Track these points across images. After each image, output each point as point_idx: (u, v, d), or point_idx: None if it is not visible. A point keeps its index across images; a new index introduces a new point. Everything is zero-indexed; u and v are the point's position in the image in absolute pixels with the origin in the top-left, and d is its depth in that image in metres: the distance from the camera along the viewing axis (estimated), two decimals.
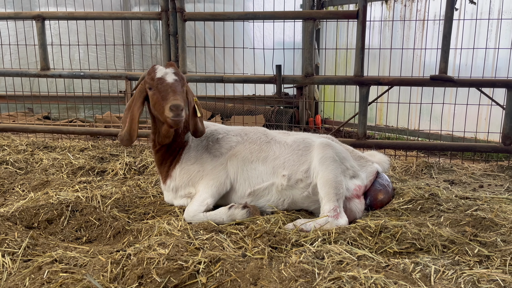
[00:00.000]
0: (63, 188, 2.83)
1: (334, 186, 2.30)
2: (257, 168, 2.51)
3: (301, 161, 2.50)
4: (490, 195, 2.98)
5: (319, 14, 3.71)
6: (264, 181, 2.48)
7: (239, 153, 2.55)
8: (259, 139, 2.64)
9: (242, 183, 2.49)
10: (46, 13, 4.14)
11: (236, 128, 2.75)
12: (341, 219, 2.26)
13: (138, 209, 2.53)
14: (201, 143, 2.61)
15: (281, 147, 2.58)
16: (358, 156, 2.67)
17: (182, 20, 3.88)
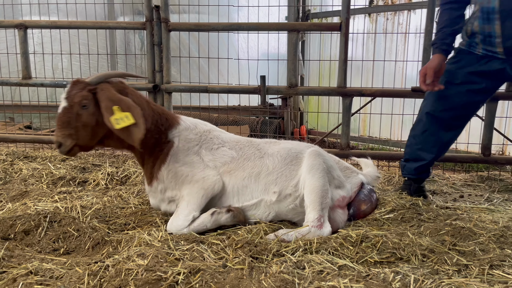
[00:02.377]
0: (42, 199, 2.78)
1: (320, 195, 2.30)
2: (249, 186, 2.46)
3: (292, 176, 2.47)
4: (470, 205, 3.02)
5: (302, 26, 3.76)
6: (253, 198, 2.45)
7: (233, 171, 2.49)
8: (253, 154, 2.58)
9: (231, 198, 2.45)
10: (29, 22, 4.11)
11: (231, 139, 2.67)
12: (324, 228, 2.25)
13: (119, 219, 2.50)
14: (192, 147, 2.51)
15: (274, 161, 2.53)
16: (344, 167, 2.68)
17: (167, 31, 3.89)
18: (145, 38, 4.04)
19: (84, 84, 2.21)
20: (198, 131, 2.59)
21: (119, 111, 2.15)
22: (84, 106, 2.18)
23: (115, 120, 2.14)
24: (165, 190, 2.43)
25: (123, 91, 2.28)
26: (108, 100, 2.16)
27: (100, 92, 2.18)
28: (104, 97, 2.16)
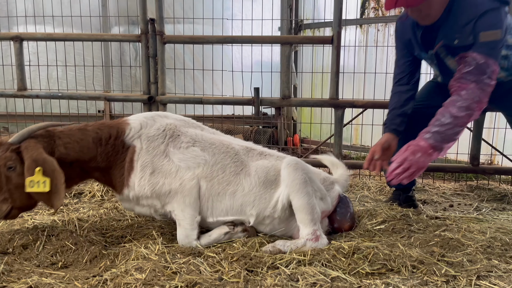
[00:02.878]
0: (39, 212, 2.81)
1: (309, 211, 2.30)
2: (223, 201, 2.36)
3: (272, 197, 2.38)
4: (459, 214, 3.10)
5: (295, 39, 3.84)
6: (229, 215, 2.38)
7: (208, 179, 2.34)
8: (229, 167, 2.39)
9: (204, 209, 2.37)
10: (25, 34, 4.14)
11: (203, 139, 2.45)
12: (321, 240, 2.29)
13: (115, 232, 2.53)
14: (157, 147, 2.32)
15: (251, 183, 2.39)
16: (322, 178, 2.60)
17: (162, 43, 3.94)
18: (139, 49, 4.10)
19: (7, 145, 2.10)
20: (159, 125, 2.40)
21: (40, 174, 2.03)
22: (10, 167, 2.08)
23: (29, 181, 2.02)
24: (138, 198, 2.33)
25: (51, 140, 2.19)
26: (31, 160, 2.04)
27: (24, 151, 2.07)
28: (27, 156, 2.05)
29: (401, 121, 2.76)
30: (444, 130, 2.33)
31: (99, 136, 2.29)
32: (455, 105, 2.35)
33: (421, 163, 2.34)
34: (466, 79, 2.36)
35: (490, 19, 2.36)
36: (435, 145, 2.33)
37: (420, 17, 2.52)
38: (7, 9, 5.54)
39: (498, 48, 2.39)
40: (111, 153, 2.30)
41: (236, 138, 2.71)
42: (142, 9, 3.91)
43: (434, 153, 2.35)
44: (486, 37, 2.36)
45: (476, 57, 2.36)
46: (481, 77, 2.34)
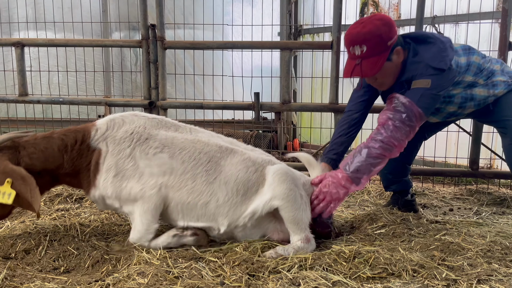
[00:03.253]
0: (41, 217, 2.81)
1: (300, 222, 2.27)
2: (194, 210, 2.28)
3: (248, 207, 2.28)
4: (459, 218, 3.11)
5: (295, 44, 3.88)
6: (199, 222, 2.30)
7: (175, 188, 2.26)
8: (201, 176, 2.27)
9: (175, 214, 2.31)
10: (26, 40, 4.17)
11: (174, 143, 2.32)
12: (312, 241, 2.31)
13: (117, 237, 2.54)
14: (123, 150, 2.26)
15: (228, 193, 2.27)
16: (303, 183, 2.47)
17: (162, 49, 3.97)
18: (140, 54, 4.12)
19: None
20: (127, 128, 2.31)
21: (8, 186, 2.05)
22: None
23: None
24: (104, 198, 2.31)
25: (16, 151, 2.20)
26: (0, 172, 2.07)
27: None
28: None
29: (343, 150, 2.81)
30: (360, 162, 2.39)
31: (65, 143, 2.28)
32: (374, 139, 2.43)
33: (336, 195, 2.38)
34: (387, 116, 2.45)
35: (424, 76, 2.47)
36: (350, 177, 2.38)
37: (377, 85, 2.66)
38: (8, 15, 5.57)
39: (427, 97, 2.47)
40: (77, 158, 2.28)
41: (217, 135, 2.54)
42: (143, 15, 3.94)
43: (351, 185, 2.39)
44: (416, 84, 2.48)
45: (401, 98, 2.46)
46: (400, 115, 2.43)
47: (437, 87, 2.48)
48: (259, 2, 4.91)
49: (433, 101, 2.52)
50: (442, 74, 2.47)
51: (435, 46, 2.52)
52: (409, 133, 2.46)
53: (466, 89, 2.72)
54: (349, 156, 2.47)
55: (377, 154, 2.39)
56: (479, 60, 2.72)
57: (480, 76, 2.73)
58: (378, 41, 2.40)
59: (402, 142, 2.44)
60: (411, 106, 2.44)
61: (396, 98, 2.49)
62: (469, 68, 2.68)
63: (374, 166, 2.42)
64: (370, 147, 2.40)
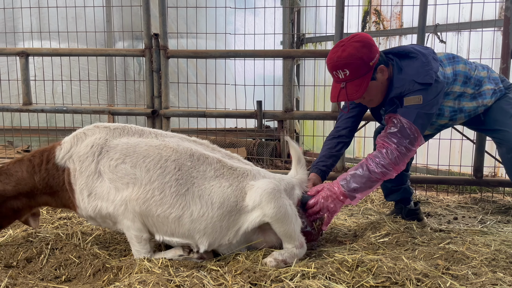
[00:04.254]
0: (43, 225, 2.81)
1: (291, 234, 2.23)
2: (166, 224, 2.14)
3: (231, 226, 2.17)
4: (463, 227, 3.08)
5: (297, 53, 3.90)
6: (174, 237, 2.19)
7: (140, 200, 2.11)
8: (169, 186, 2.10)
9: (150, 226, 2.20)
10: (30, 50, 4.21)
11: (138, 151, 2.17)
12: (304, 245, 2.30)
13: (118, 245, 2.53)
14: (88, 166, 2.15)
15: (203, 208, 2.11)
16: (285, 184, 2.37)
17: (165, 57, 3.99)
18: (143, 63, 4.15)
19: None
20: (88, 142, 2.20)
21: None
22: None
23: None
24: (90, 217, 2.29)
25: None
26: None
27: None
28: None
29: (331, 163, 2.85)
30: (358, 181, 2.44)
31: (32, 164, 2.27)
32: (374, 160, 2.46)
33: (332, 208, 2.44)
34: (390, 140, 2.46)
35: (413, 92, 2.49)
36: (347, 194, 2.43)
37: (365, 103, 2.69)
38: (13, 25, 5.63)
39: (422, 114, 2.48)
40: (47, 177, 2.26)
41: (189, 139, 2.37)
42: (146, 25, 3.98)
43: (346, 200, 2.45)
44: (409, 101, 2.49)
45: (401, 119, 2.47)
46: (403, 141, 2.44)
47: (429, 103, 2.49)
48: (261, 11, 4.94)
49: (428, 120, 2.54)
50: (430, 88, 2.48)
51: (418, 61, 2.52)
52: (409, 157, 2.52)
53: (455, 101, 2.73)
54: (349, 171, 2.51)
55: (376, 178, 2.46)
56: (465, 69, 2.71)
57: (468, 86, 2.72)
58: (359, 64, 2.40)
59: (402, 166, 2.49)
60: (411, 129, 2.45)
61: (397, 118, 2.48)
62: (456, 78, 2.68)
63: (371, 187, 2.49)
64: (371, 171, 2.44)
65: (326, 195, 2.44)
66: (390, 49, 2.71)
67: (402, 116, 2.47)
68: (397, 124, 2.46)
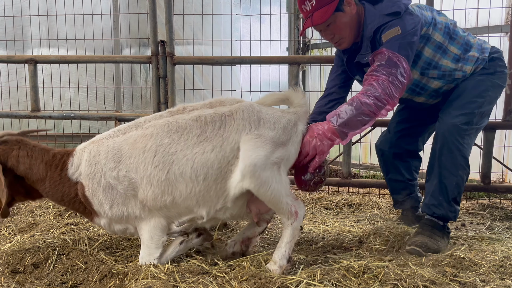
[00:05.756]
0: (50, 231, 2.83)
1: (280, 198, 2.17)
2: (169, 209, 2.22)
3: (221, 192, 2.17)
4: (471, 233, 3.06)
5: (303, 59, 3.91)
6: (182, 217, 2.28)
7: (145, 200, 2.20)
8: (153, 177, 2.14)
9: (164, 217, 2.29)
10: (39, 57, 4.25)
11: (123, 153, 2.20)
12: (300, 212, 2.23)
13: (125, 251, 2.54)
14: (99, 181, 2.20)
15: (189, 184, 2.14)
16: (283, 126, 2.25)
17: (172, 64, 4.02)
18: (150, 70, 4.18)
19: None
20: (90, 160, 2.23)
21: None
22: None
23: None
24: (110, 224, 2.32)
25: (9, 148, 2.26)
26: None
27: None
28: None
29: (322, 119, 2.70)
30: (349, 115, 2.28)
31: (51, 161, 2.28)
32: (365, 93, 2.33)
33: (321, 147, 2.26)
34: (378, 72, 2.37)
35: (388, 25, 2.46)
36: (336, 129, 2.27)
37: (336, 42, 2.64)
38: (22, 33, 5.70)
39: (404, 43, 2.42)
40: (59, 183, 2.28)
41: (168, 111, 2.36)
42: (152, 32, 4.01)
43: (335, 138, 2.29)
44: (388, 35, 2.45)
45: (385, 52, 2.41)
46: (392, 70, 2.35)
47: (409, 32, 2.43)
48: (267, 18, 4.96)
49: (411, 50, 2.46)
50: (402, 17, 2.45)
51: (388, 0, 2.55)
52: (401, 90, 2.39)
53: (435, 53, 2.61)
54: (339, 108, 2.35)
55: (369, 112, 2.29)
56: (447, 20, 2.66)
57: (453, 42, 2.63)
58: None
59: (395, 100, 2.36)
60: (398, 58, 2.37)
61: (381, 53, 2.42)
62: (436, 25, 2.59)
63: (363, 123, 2.32)
64: (363, 103, 2.29)
65: (314, 134, 2.28)
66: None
67: (385, 48, 2.42)
68: (383, 57, 2.40)
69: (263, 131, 2.18)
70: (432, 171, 2.59)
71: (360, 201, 3.88)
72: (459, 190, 2.56)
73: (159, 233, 2.27)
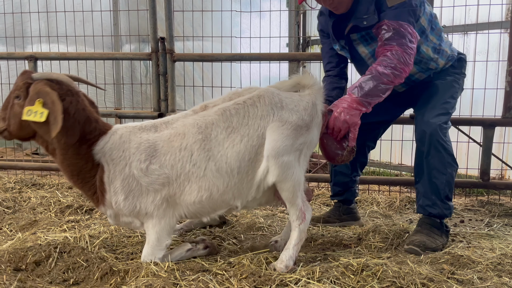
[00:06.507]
0: (51, 228, 2.85)
1: (296, 190, 2.24)
2: (204, 206, 2.27)
3: (251, 183, 2.25)
4: (470, 230, 3.08)
5: (303, 56, 3.91)
6: (216, 212, 2.34)
7: (177, 196, 2.24)
8: (191, 174, 2.19)
9: (192, 214, 2.33)
10: (39, 54, 4.26)
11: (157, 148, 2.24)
12: (307, 214, 2.30)
13: (125, 248, 2.56)
14: (122, 169, 2.21)
15: (225, 178, 2.20)
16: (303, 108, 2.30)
17: (172, 61, 4.03)
18: (150, 66, 4.18)
19: (26, 76, 2.20)
20: (119, 146, 2.24)
21: (40, 105, 2.08)
22: (17, 96, 2.19)
23: (27, 110, 2.09)
24: (116, 215, 2.33)
25: (65, 96, 2.17)
26: (34, 92, 2.12)
27: (33, 86, 2.14)
28: (32, 89, 2.13)
29: (337, 95, 2.81)
30: (370, 85, 2.37)
31: (89, 130, 2.23)
32: (381, 64, 2.41)
33: (352, 119, 2.35)
34: (390, 44, 2.44)
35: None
36: (360, 100, 2.36)
37: (334, 6, 2.63)
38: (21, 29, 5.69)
39: (410, 10, 2.47)
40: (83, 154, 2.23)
41: (192, 110, 2.39)
42: (152, 29, 4.01)
43: (361, 107, 2.37)
44: (392, 1, 2.48)
45: (391, 23, 2.45)
46: (403, 40, 2.42)
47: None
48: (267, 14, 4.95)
49: (414, 17, 2.52)
50: None
51: None
52: (413, 55, 2.47)
53: (420, 36, 2.63)
54: (359, 80, 2.44)
55: (388, 81, 2.40)
56: (431, 10, 2.71)
57: (433, 31, 2.70)
58: None
59: (410, 66, 2.45)
60: (404, 27, 2.43)
61: (386, 24, 2.46)
62: (425, 9, 2.63)
63: (383, 92, 2.42)
64: (381, 73, 2.38)
65: (340, 109, 2.37)
66: None
67: (391, 19, 2.46)
68: (390, 28, 2.45)
69: (286, 115, 2.23)
70: (422, 172, 2.61)
71: (360, 198, 3.90)
72: (450, 187, 2.58)
73: (165, 236, 2.29)
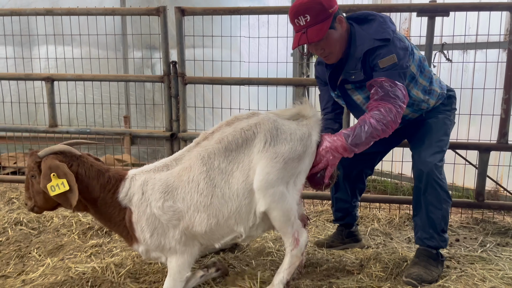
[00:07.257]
0: (77, 254, 3.09)
1: (286, 219, 2.39)
2: (213, 233, 2.42)
3: (249, 208, 2.39)
4: (464, 251, 3.30)
5: (309, 81, 4.09)
6: (224, 239, 2.48)
7: (190, 227, 2.39)
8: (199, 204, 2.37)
9: (206, 242, 2.50)
10: (56, 75, 4.45)
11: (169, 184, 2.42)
12: (301, 240, 2.47)
13: (148, 277, 2.80)
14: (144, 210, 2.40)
15: (228, 204, 2.37)
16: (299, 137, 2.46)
17: (183, 84, 4.22)
18: (162, 89, 4.37)
19: (34, 156, 2.43)
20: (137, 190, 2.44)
21: (56, 178, 2.31)
22: (32, 176, 2.44)
23: (51, 187, 2.31)
24: (146, 251, 2.51)
25: (71, 162, 2.43)
26: (46, 168, 2.34)
27: (43, 163, 2.37)
28: (44, 165, 2.36)
29: (338, 128, 3.03)
30: (362, 137, 2.54)
31: (106, 184, 2.46)
32: (375, 118, 2.57)
33: (333, 161, 2.54)
34: (384, 100, 2.60)
35: (382, 51, 2.62)
36: (348, 147, 2.54)
37: (325, 56, 2.75)
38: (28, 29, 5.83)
39: (401, 72, 2.64)
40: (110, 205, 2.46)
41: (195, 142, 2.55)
42: (164, 52, 4.19)
43: (345, 153, 2.57)
44: (385, 62, 2.62)
45: (386, 81, 2.61)
46: (395, 100, 2.59)
47: (403, 59, 2.63)
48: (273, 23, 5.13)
49: (405, 77, 2.69)
50: (393, 42, 2.62)
51: (376, 22, 2.70)
52: (401, 114, 2.65)
53: (410, 83, 2.80)
54: (354, 127, 2.58)
55: (377, 135, 2.58)
56: (419, 54, 2.86)
57: (422, 75, 2.86)
58: (319, 9, 2.56)
59: (397, 124, 2.64)
60: (398, 87, 2.59)
61: (381, 82, 2.60)
62: (414, 56, 2.79)
63: (369, 144, 2.60)
64: (374, 128, 2.56)
65: (327, 148, 2.53)
66: (349, 15, 2.84)
67: (384, 77, 2.61)
68: (385, 86, 2.60)
69: (280, 146, 2.38)
70: (419, 207, 2.84)
71: (361, 214, 4.12)
72: (445, 221, 2.82)
73: (186, 269, 2.49)
